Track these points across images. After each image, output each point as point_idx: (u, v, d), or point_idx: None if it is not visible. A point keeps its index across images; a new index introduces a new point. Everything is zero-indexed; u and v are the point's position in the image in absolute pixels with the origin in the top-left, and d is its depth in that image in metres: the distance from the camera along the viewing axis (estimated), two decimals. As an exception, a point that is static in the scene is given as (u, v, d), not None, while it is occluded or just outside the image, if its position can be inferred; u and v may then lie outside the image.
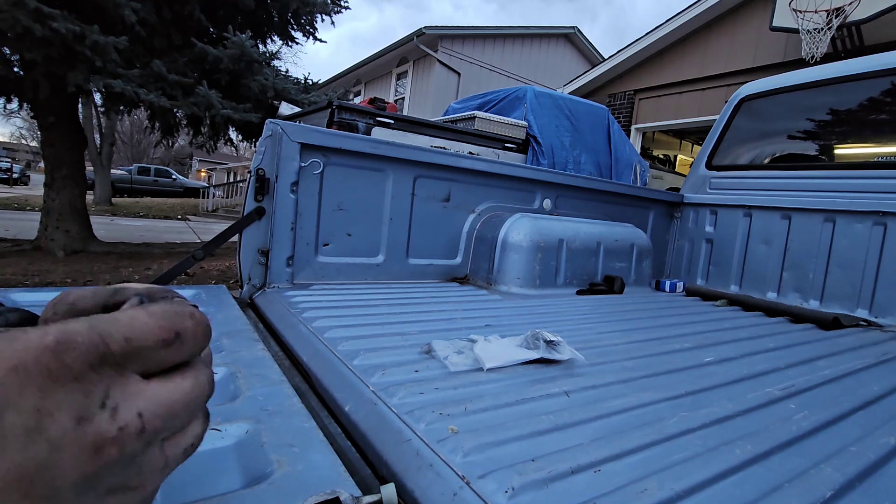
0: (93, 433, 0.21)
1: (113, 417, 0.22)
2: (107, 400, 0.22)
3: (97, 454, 0.21)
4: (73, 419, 0.21)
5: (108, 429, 0.22)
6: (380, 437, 0.69)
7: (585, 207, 2.38)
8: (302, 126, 1.58)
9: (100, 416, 0.22)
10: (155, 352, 0.25)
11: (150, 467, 0.25)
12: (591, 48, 13.77)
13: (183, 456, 0.27)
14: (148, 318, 0.25)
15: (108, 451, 0.22)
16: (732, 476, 0.62)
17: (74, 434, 0.21)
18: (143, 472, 0.24)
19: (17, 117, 29.59)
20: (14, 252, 5.39)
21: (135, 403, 0.23)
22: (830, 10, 5.45)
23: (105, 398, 0.22)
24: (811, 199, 2.14)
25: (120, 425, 0.22)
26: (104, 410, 0.22)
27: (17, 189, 19.50)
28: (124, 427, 0.22)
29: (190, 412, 0.26)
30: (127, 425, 0.22)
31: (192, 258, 1.48)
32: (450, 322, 1.29)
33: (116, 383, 0.23)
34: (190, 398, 0.26)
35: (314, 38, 6.41)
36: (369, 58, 13.06)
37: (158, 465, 0.25)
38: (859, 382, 1.06)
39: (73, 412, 0.21)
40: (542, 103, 4.41)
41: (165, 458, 0.26)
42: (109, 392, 0.22)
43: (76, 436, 0.21)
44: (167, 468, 0.26)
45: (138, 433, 0.23)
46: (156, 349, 0.25)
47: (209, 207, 15.34)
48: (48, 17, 3.91)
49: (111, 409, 0.22)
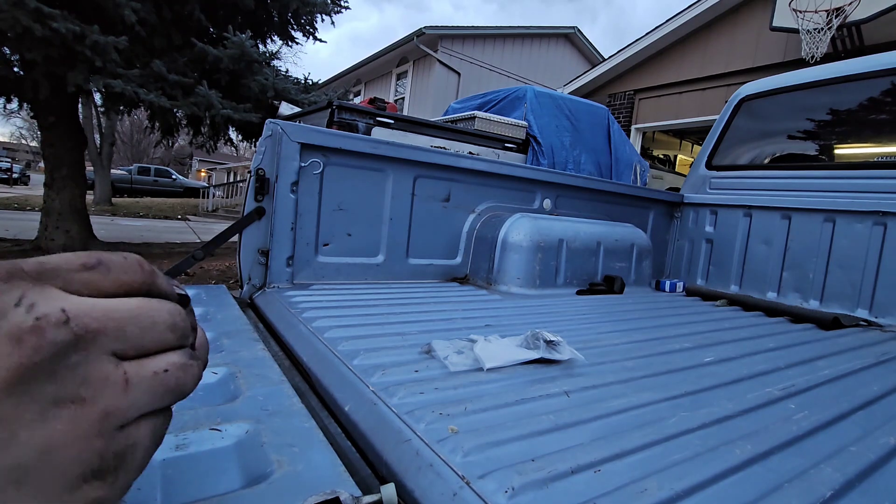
0: (8, 325, 0.21)
1: (29, 312, 0.22)
2: (22, 299, 0.22)
3: (18, 345, 0.21)
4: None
5: (25, 319, 0.21)
6: (380, 437, 0.69)
7: (585, 207, 2.38)
8: (302, 126, 1.58)
9: (14, 312, 0.21)
10: (75, 273, 0.24)
11: (102, 378, 0.23)
12: (591, 48, 13.77)
13: (154, 380, 0.26)
14: (69, 254, 0.25)
15: (27, 340, 0.21)
16: (732, 476, 0.62)
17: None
18: (90, 382, 0.23)
19: (17, 117, 29.61)
20: (14, 252, 5.39)
21: (56, 302, 0.22)
22: (830, 10, 5.45)
23: (21, 298, 0.22)
24: (811, 199, 2.14)
25: (37, 315, 0.22)
26: (19, 307, 0.21)
27: (17, 189, 19.49)
28: (42, 317, 0.22)
29: (142, 328, 0.25)
30: (46, 315, 0.22)
31: (192, 258, 1.48)
32: (450, 322, 1.29)
33: (32, 288, 0.22)
34: (137, 312, 0.25)
35: (314, 38, 6.41)
36: (369, 58, 13.06)
37: (114, 378, 0.24)
38: (859, 382, 1.06)
39: None
40: (542, 103, 4.41)
41: (125, 374, 0.24)
42: (25, 294, 0.22)
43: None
44: (131, 387, 0.25)
45: (61, 322, 0.22)
46: (74, 270, 0.24)
47: (209, 207, 15.35)
48: (48, 17, 3.90)
49: (27, 305, 0.22)
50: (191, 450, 0.59)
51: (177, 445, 0.58)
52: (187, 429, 0.62)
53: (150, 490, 0.51)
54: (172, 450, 0.58)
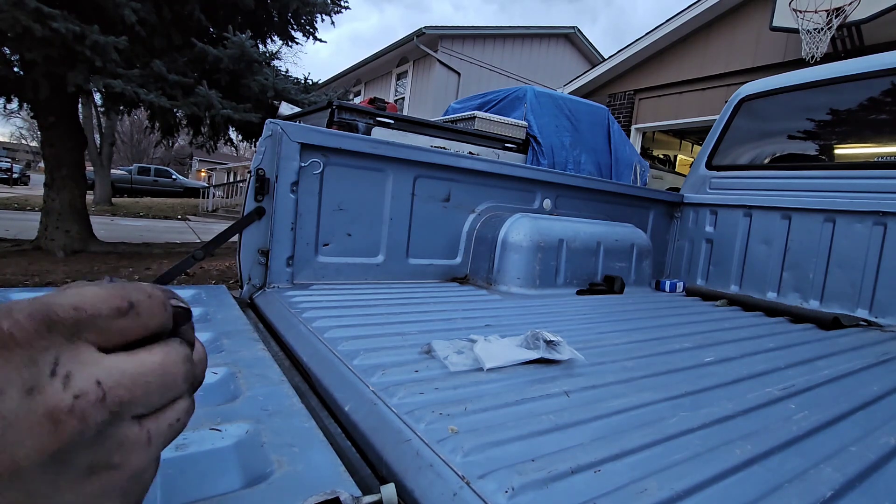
0: (45, 404, 0.20)
1: (66, 386, 0.21)
2: (57, 367, 0.21)
3: (56, 427, 0.20)
4: (22, 391, 0.20)
5: (62, 397, 0.21)
6: (380, 437, 0.69)
7: (585, 207, 2.38)
8: (302, 126, 1.58)
9: (51, 386, 0.20)
10: (110, 321, 0.23)
11: (130, 442, 0.24)
12: (591, 48, 13.77)
13: (169, 431, 0.26)
14: (98, 289, 0.24)
15: (67, 423, 0.20)
16: (732, 476, 0.62)
17: (26, 407, 0.20)
18: (123, 448, 0.23)
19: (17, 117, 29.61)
20: (14, 252, 5.39)
21: (91, 371, 0.22)
22: (830, 10, 5.45)
23: (55, 366, 0.21)
24: (811, 199, 2.14)
25: (75, 393, 0.21)
26: (55, 378, 0.21)
27: (17, 189, 19.49)
28: (80, 395, 0.21)
29: (166, 386, 0.25)
30: (84, 393, 0.21)
31: (192, 258, 1.48)
32: (450, 322, 1.29)
33: (66, 351, 0.21)
34: (161, 371, 0.25)
35: (314, 38, 6.41)
36: (369, 58, 13.06)
37: (140, 440, 0.24)
38: (859, 382, 1.06)
39: (21, 383, 0.20)
40: (542, 103, 4.41)
41: (148, 433, 0.25)
42: (59, 360, 0.21)
43: (28, 408, 0.20)
44: (152, 445, 0.25)
45: (98, 401, 0.21)
46: (109, 318, 0.23)
47: (209, 207, 15.34)
48: (48, 17, 3.90)
49: (63, 377, 0.21)
50: (191, 450, 0.59)
51: (177, 445, 0.58)
52: (187, 429, 0.62)
53: (150, 490, 0.51)
54: (172, 450, 0.58)
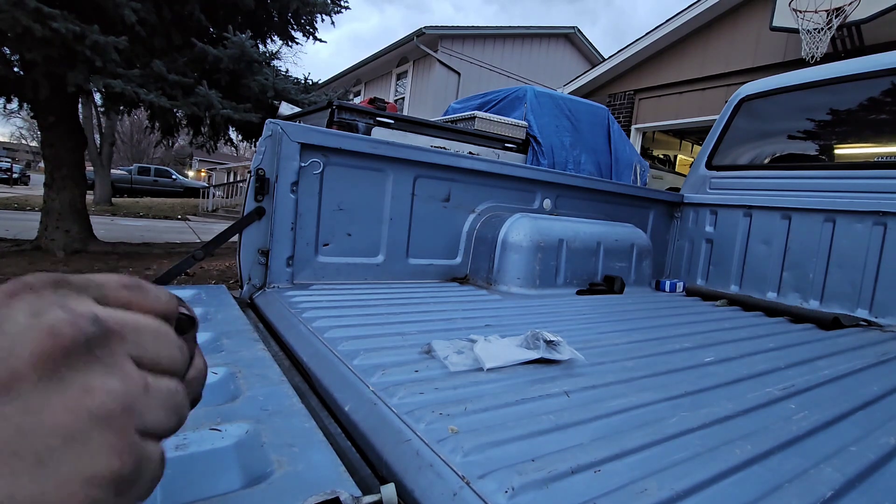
0: (47, 319, 0.24)
1: (65, 310, 0.24)
2: (63, 304, 0.25)
3: (52, 335, 0.23)
4: (30, 314, 0.24)
5: (62, 315, 0.24)
6: (380, 437, 0.69)
7: (585, 207, 2.38)
8: (302, 126, 1.58)
9: (54, 311, 0.24)
10: (114, 290, 0.28)
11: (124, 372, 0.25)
12: (591, 48, 13.77)
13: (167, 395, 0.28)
14: (117, 276, 0.29)
15: (61, 329, 0.23)
16: (732, 476, 0.62)
17: (30, 322, 0.23)
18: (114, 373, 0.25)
19: (17, 117, 29.60)
20: (14, 252, 5.39)
21: (90, 307, 0.26)
22: (830, 10, 5.44)
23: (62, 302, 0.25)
24: (811, 199, 2.14)
25: (73, 312, 0.24)
26: (59, 308, 0.24)
27: (17, 189, 19.49)
28: (77, 314, 0.24)
29: (157, 340, 0.28)
30: (81, 313, 0.25)
31: (192, 258, 1.48)
32: (450, 322, 1.29)
33: (73, 298, 0.26)
34: (157, 328, 0.28)
35: (314, 38, 6.41)
36: (369, 58, 13.05)
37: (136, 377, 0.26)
38: (859, 382, 1.06)
39: (29, 310, 0.24)
40: (542, 103, 4.41)
41: (145, 380, 0.26)
42: (66, 301, 0.25)
43: (32, 323, 0.23)
44: (150, 392, 0.26)
45: (92, 319, 0.25)
46: (115, 288, 0.28)
47: (209, 207, 15.34)
48: (48, 17, 3.90)
49: (65, 307, 0.25)
50: (191, 450, 0.59)
51: (177, 445, 0.58)
52: (187, 429, 0.62)
53: (150, 490, 0.51)
54: (172, 450, 0.58)
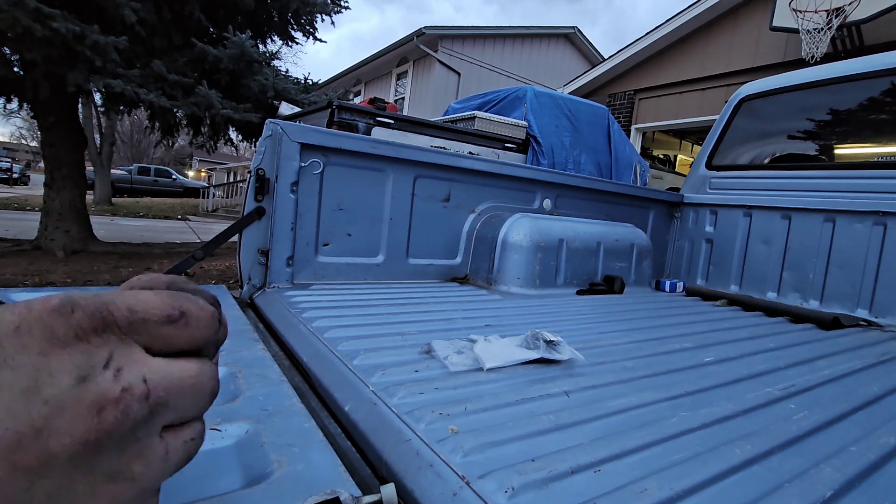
0: (94, 392, 0.21)
1: (116, 378, 0.21)
2: (110, 362, 0.22)
3: (99, 415, 0.20)
4: (75, 379, 0.20)
5: (112, 388, 0.21)
6: (380, 437, 0.69)
7: (585, 207, 2.38)
8: (302, 126, 1.58)
9: (102, 376, 0.21)
10: (159, 327, 0.24)
11: (150, 452, 0.23)
12: (591, 48, 13.77)
13: (183, 449, 0.26)
14: (154, 296, 0.25)
15: (110, 413, 0.21)
16: (732, 476, 0.62)
17: (75, 393, 0.20)
18: (143, 457, 0.23)
19: (17, 117, 29.60)
20: (14, 252, 5.39)
21: (140, 369, 0.22)
22: (830, 10, 5.45)
23: (108, 360, 0.22)
24: (811, 199, 2.14)
25: (123, 385, 0.21)
26: (107, 371, 0.21)
27: (17, 189, 19.49)
28: (128, 388, 0.21)
29: (195, 398, 0.26)
30: (131, 386, 0.22)
31: (192, 258, 1.48)
32: (450, 322, 1.29)
33: (120, 349, 0.22)
34: (196, 382, 0.25)
35: (314, 38, 6.41)
36: (369, 58, 13.05)
37: (159, 452, 0.24)
38: (859, 382, 1.06)
39: (75, 371, 0.20)
40: (542, 103, 4.41)
41: (166, 447, 0.24)
42: (113, 355, 0.22)
43: (77, 395, 0.20)
44: (168, 460, 0.25)
45: (143, 397, 0.22)
46: (160, 324, 0.24)
47: (209, 207, 15.34)
48: (48, 17, 3.90)
49: (114, 370, 0.22)
50: (191, 450, 0.59)
51: (177, 445, 0.58)
52: (187, 429, 0.62)
53: (150, 490, 0.51)
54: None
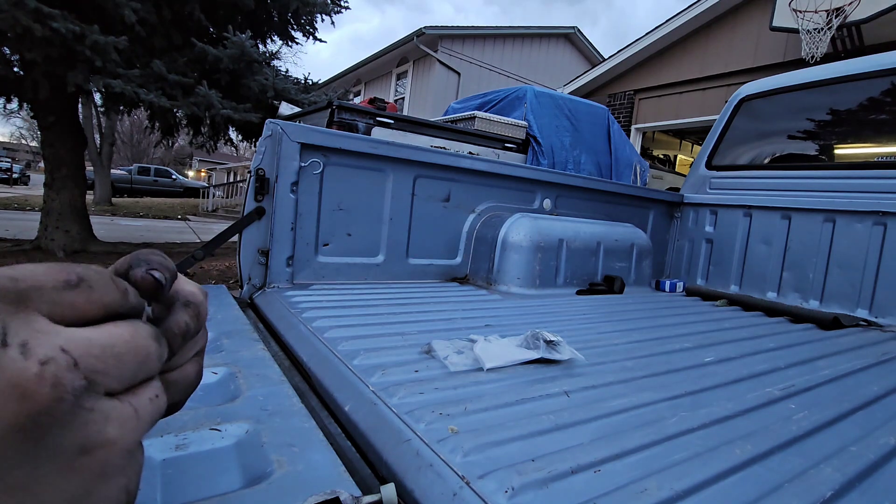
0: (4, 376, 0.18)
1: (25, 354, 0.19)
2: (7, 337, 0.19)
3: (26, 398, 0.18)
4: None
5: (25, 366, 0.19)
6: (380, 437, 0.69)
7: (585, 207, 2.38)
8: (302, 126, 1.58)
9: (6, 356, 0.19)
10: (59, 293, 0.21)
11: (118, 415, 0.22)
12: (591, 48, 13.77)
13: (152, 406, 0.25)
14: (44, 265, 0.22)
15: (39, 392, 0.19)
16: (732, 476, 0.62)
17: None
18: (112, 421, 0.22)
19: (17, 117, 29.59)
20: (14, 252, 5.39)
21: (51, 339, 0.20)
22: (830, 10, 5.44)
23: (4, 336, 0.19)
24: (811, 199, 2.14)
25: (40, 359, 0.19)
26: (9, 348, 0.19)
27: (17, 189, 19.48)
28: (47, 361, 0.19)
29: (139, 361, 0.24)
30: (51, 358, 0.19)
31: (192, 258, 1.48)
32: (450, 322, 1.29)
33: (14, 320, 0.19)
34: (133, 344, 0.23)
35: (314, 38, 6.41)
36: (369, 58, 13.05)
37: (127, 412, 0.23)
38: (859, 382, 1.06)
39: None
40: (542, 103, 4.41)
41: (132, 406, 0.23)
42: (6, 329, 0.19)
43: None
44: (140, 418, 0.24)
45: (70, 366, 0.20)
46: (56, 290, 0.21)
47: (209, 207, 15.34)
48: (48, 17, 3.90)
49: (18, 345, 0.19)
50: (191, 450, 0.59)
51: (177, 445, 0.58)
52: (187, 429, 0.62)
53: (150, 490, 0.51)
54: (172, 450, 0.58)
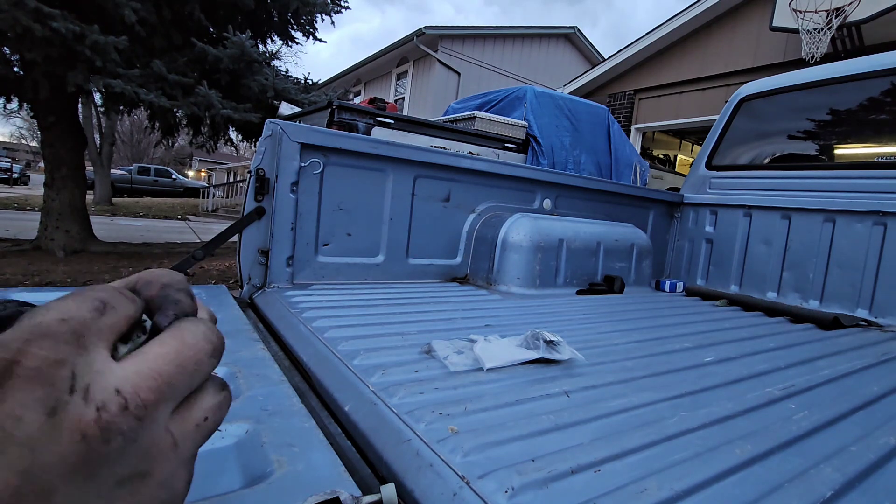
0: (69, 420, 0.20)
1: (87, 399, 0.20)
2: (75, 382, 0.20)
3: (83, 442, 0.20)
4: (43, 414, 0.19)
5: (85, 412, 0.20)
6: (380, 437, 0.69)
7: (585, 207, 2.38)
8: (302, 126, 1.58)
9: (73, 403, 0.20)
10: (97, 321, 0.23)
11: (157, 448, 0.23)
12: (591, 48, 13.77)
13: (197, 432, 0.25)
14: (68, 299, 0.23)
15: (92, 435, 0.20)
16: (732, 476, 0.62)
17: (50, 428, 0.19)
18: (150, 455, 0.23)
19: (17, 117, 29.58)
20: (14, 252, 5.39)
21: (107, 380, 0.21)
22: (830, 10, 5.45)
23: (73, 381, 0.20)
24: (811, 199, 2.14)
25: (97, 405, 0.20)
26: (75, 394, 0.20)
27: (17, 189, 19.48)
28: (102, 406, 0.21)
29: (189, 375, 0.24)
30: (105, 403, 0.21)
31: (192, 258, 1.48)
32: (450, 322, 1.29)
33: (79, 363, 0.21)
34: (179, 360, 0.24)
35: (314, 38, 6.41)
36: (369, 58, 13.05)
37: (166, 443, 0.23)
38: (859, 382, 1.06)
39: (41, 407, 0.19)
40: (542, 103, 4.41)
41: (172, 436, 0.24)
42: (75, 373, 0.21)
43: (52, 429, 0.19)
44: (179, 448, 0.24)
45: (121, 410, 0.21)
46: (95, 320, 0.23)
47: (209, 207, 15.34)
48: (48, 17, 3.90)
49: (82, 390, 0.20)
50: (191, 450, 0.59)
51: (177, 445, 0.58)
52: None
53: (150, 490, 0.51)
54: (172, 450, 0.57)
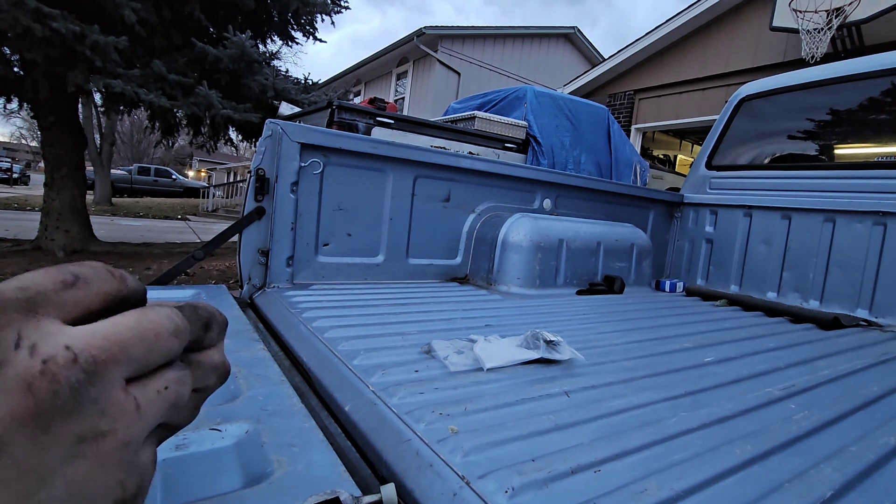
0: (14, 373, 0.21)
1: (32, 354, 0.21)
2: (21, 341, 0.21)
3: (28, 391, 0.21)
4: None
5: (31, 364, 0.21)
6: (380, 437, 0.69)
7: (585, 207, 2.38)
8: (302, 126, 1.58)
9: (17, 356, 0.21)
10: (60, 294, 0.24)
11: (116, 408, 0.23)
12: (591, 48, 13.77)
13: (159, 399, 0.26)
14: (40, 271, 0.24)
15: (38, 385, 0.21)
16: (732, 476, 0.62)
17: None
18: (107, 414, 0.23)
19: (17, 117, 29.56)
20: (14, 252, 5.39)
21: (57, 339, 0.22)
22: (830, 10, 5.45)
23: (18, 339, 0.21)
24: (811, 199, 2.14)
25: (43, 358, 0.21)
26: (20, 350, 0.21)
27: (17, 189, 19.47)
28: (49, 358, 0.21)
29: (148, 345, 0.25)
30: (53, 356, 0.21)
31: (192, 258, 1.48)
32: (450, 322, 1.29)
33: (26, 325, 0.22)
34: (138, 328, 0.25)
35: (314, 38, 6.41)
36: (369, 58, 13.05)
37: (127, 405, 0.24)
38: (859, 382, 1.06)
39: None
40: (543, 103, 4.41)
41: (135, 399, 0.24)
42: (21, 334, 0.22)
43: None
44: (142, 411, 0.25)
45: (70, 362, 0.22)
46: (57, 291, 0.24)
47: (209, 207, 15.34)
48: (48, 17, 3.90)
49: (28, 347, 0.21)
50: (191, 450, 0.59)
51: (177, 445, 0.58)
52: (187, 429, 0.62)
53: (151, 490, 0.51)
54: (172, 450, 0.58)
